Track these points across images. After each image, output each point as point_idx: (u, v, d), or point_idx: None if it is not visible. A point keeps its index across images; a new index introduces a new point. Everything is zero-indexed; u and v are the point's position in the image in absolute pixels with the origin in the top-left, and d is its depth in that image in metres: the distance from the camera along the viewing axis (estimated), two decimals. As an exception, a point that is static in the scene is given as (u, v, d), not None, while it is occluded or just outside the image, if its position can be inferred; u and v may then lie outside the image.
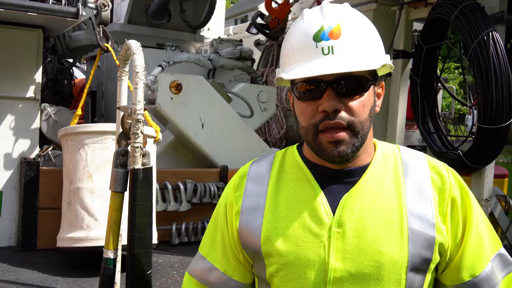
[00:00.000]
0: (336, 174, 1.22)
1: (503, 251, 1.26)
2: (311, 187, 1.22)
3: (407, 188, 1.19)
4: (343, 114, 1.14)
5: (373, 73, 1.20)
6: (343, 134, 1.14)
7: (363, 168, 1.22)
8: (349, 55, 1.13)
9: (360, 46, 1.15)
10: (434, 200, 1.19)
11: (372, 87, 1.20)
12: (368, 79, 1.17)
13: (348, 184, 1.20)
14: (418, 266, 1.15)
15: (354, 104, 1.15)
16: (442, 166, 1.25)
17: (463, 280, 1.21)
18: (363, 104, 1.16)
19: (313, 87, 1.15)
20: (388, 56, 1.22)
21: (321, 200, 1.19)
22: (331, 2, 1.21)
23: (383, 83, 1.28)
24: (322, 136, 1.15)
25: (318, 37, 1.14)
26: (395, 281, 1.14)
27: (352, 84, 1.15)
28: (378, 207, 1.17)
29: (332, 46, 1.13)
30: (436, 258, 1.17)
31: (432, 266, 1.18)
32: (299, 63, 1.16)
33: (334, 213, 1.17)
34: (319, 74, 1.12)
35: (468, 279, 1.21)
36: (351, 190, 1.19)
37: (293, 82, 1.21)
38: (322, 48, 1.13)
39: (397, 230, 1.15)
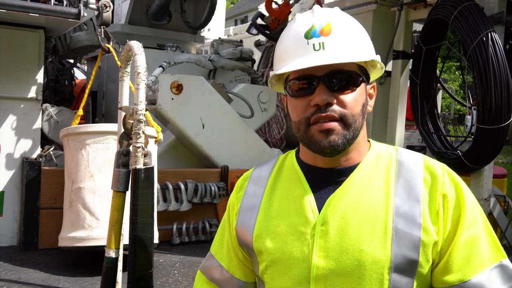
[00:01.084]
0: (327, 174, 1.24)
1: (507, 263, 1.17)
2: (302, 186, 1.25)
3: (397, 188, 1.19)
4: (335, 107, 1.16)
5: (364, 71, 1.23)
6: (334, 124, 1.16)
7: (352, 168, 1.23)
8: (340, 50, 1.16)
9: (350, 42, 1.18)
10: (424, 200, 1.16)
11: (363, 84, 1.22)
12: (359, 75, 1.20)
13: (337, 183, 1.22)
14: (403, 267, 1.13)
15: (345, 97, 1.17)
16: (438, 166, 1.22)
17: (450, 283, 1.15)
18: (355, 99, 1.18)
19: (305, 84, 1.18)
20: (378, 56, 1.24)
21: (309, 199, 1.22)
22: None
23: (375, 84, 1.30)
24: (313, 127, 1.17)
25: (309, 35, 1.17)
26: (377, 280, 1.13)
27: (344, 79, 1.17)
28: (363, 206, 1.18)
29: (323, 43, 1.16)
30: (425, 260, 1.14)
31: (422, 270, 1.15)
32: (292, 60, 1.19)
33: (320, 212, 1.20)
34: (310, 66, 1.14)
35: (456, 283, 1.15)
36: (338, 189, 1.21)
37: (286, 81, 1.24)
38: (313, 45, 1.16)
39: (381, 229, 1.15)
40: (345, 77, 1.17)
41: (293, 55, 1.18)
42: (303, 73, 1.17)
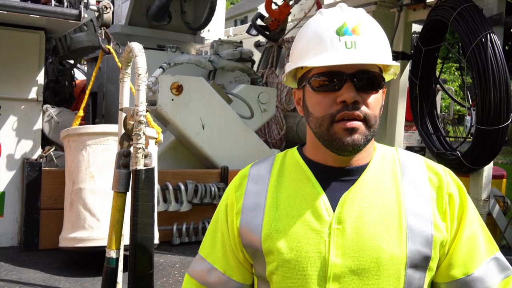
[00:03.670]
0: (336, 173, 1.24)
1: (500, 255, 1.27)
2: (312, 185, 1.24)
3: (405, 187, 1.22)
4: (361, 106, 1.18)
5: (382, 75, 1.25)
6: (359, 123, 1.17)
7: (363, 167, 1.25)
8: (371, 51, 1.18)
9: (378, 45, 1.20)
10: (432, 198, 1.22)
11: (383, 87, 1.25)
12: (382, 77, 1.22)
13: (348, 182, 1.23)
14: (417, 263, 1.17)
15: (370, 98, 1.19)
16: (439, 167, 1.28)
17: (456, 277, 1.23)
18: (377, 100, 1.21)
19: (331, 80, 1.18)
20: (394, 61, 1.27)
21: (322, 197, 1.21)
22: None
23: (385, 88, 1.32)
24: (337, 125, 1.18)
25: (341, 32, 1.17)
26: (394, 277, 1.16)
27: (370, 79, 1.19)
28: (377, 205, 1.20)
29: (355, 41, 1.17)
30: (436, 255, 1.20)
31: (432, 265, 1.20)
32: (321, 54, 1.18)
33: (334, 211, 1.20)
34: (348, 62, 1.14)
35: (461, 277, 1.22)
36: (351, 188, 1.21)
37: (306, 75, 1.23)
38: (345, 42, 1.17)
39: (395, 227, 1.18)
40: (371, 78, 1.19)
41: (323, 49, 1.18)
42: (331, 69, 1.17)
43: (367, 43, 1.18)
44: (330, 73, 1.18)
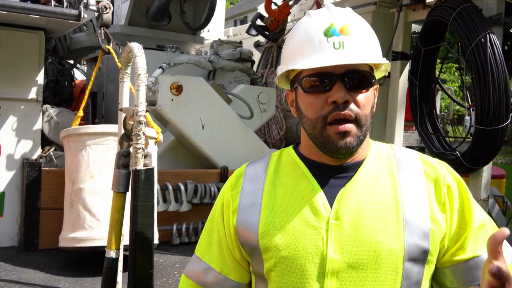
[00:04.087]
0: (333, 170, 1.25)
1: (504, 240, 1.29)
2: (308, 182, 1.25)
3: (401, 181, 1.24)
4: (352, 106, 1.18)
5: (373, 73, 1.26)
6: (350, 126, 1.18)
7: (358, 164, 1.26)
8: (359, 50, 1.19)
9: (366, 44, 1.21)
10: (429, 191, 1.23)
11: (374, 85, 1.25)
12: (372, 76, 1.23)
13: (344, 178, 1.24)
14: (416, 257, 1.18)
15: (360, 97, 1.20)
16: (435, 160, 1.29)
17: (465, 259, 1.23)
18: (368, 99, 1.21)
19: (321, 80, 1.19)
20: (384, 58, 1.27)
21: (319, 194, 1.22)
22: (331, 3, 1.25)
23: (378, 85, 1.33)
24: (330, 128, 1.19)
25: (328, 33, 1.18)
26: (392, 270, 1.17)
27: (360, 78, 1.20)
28: (374, 200, 1.21)
29: (342, 42, 1.18)
30: (435, 249, 1.20)
31: (431, 258, 1.21)
32: (310, 56, 1.19)
33: (331, 207, 1.21)
34: (336, 63, 1.16)
35: (470, 258, 1.22)
36: (348, 183, 1.23)
37: (297, 77, 1.24)
38: (333, 43, 1.18)
39: (393, 221, 1.19)
40: (361, 77, 1.20)
41: (312, 51, 1.19)
42: (321, 70, 1.18)
43: (355, 42, 1.19)
44: (320, 74, 1.19)
